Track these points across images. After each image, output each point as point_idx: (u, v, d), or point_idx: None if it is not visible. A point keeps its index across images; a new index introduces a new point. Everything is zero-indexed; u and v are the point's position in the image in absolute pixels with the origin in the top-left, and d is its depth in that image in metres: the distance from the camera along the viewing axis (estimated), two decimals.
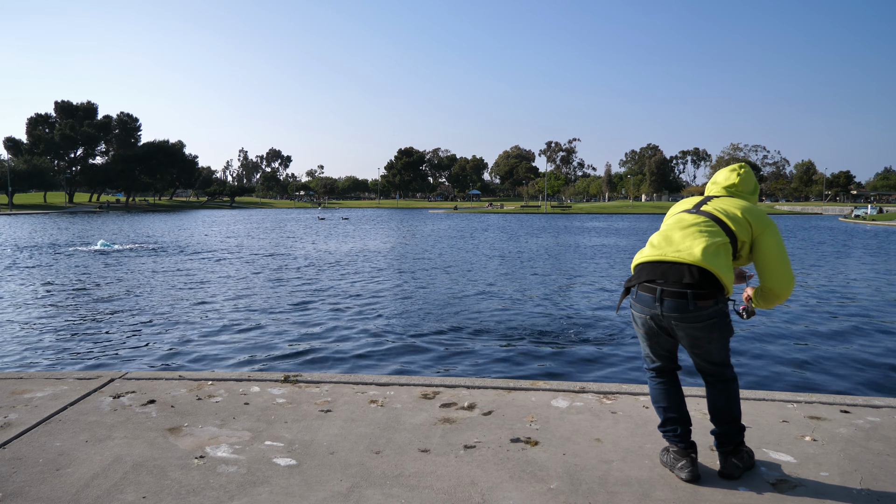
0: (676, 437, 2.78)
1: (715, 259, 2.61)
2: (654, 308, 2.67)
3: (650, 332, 2.78)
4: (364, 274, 14.51)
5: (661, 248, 2.74)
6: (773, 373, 6.02)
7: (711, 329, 2.63)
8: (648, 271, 2.72)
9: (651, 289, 2.68)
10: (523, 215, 72.16)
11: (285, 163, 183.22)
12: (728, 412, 2.76)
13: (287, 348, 7.05)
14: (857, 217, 60.40)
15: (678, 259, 2.65)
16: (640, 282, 2.74)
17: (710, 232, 2.68)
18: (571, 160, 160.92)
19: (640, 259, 2.82)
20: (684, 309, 2.60)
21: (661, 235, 2.81)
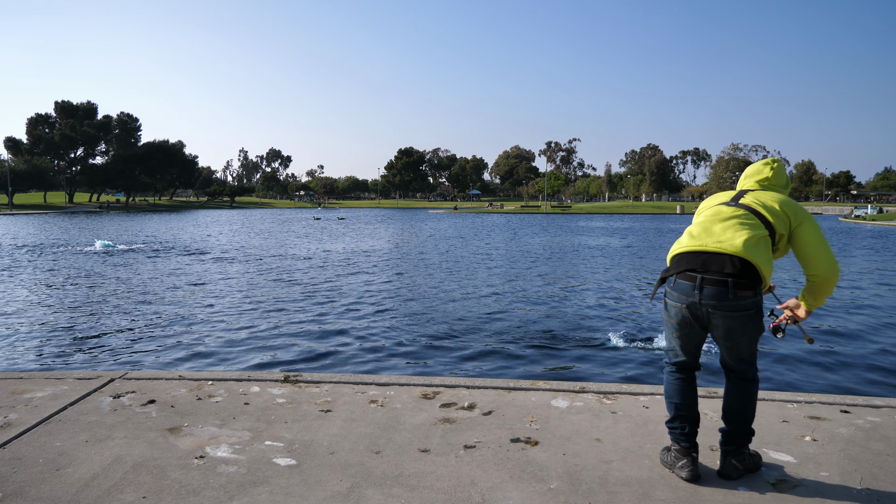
0: (682, 436, 2.79)
1: (756, 250, 2.65)
2: (693, 296, 2.69)
3: (682, 323, 2.79)
4: (364, 274, 14.51)
5: (702, 239, 2.77)
6: (773, 373, 6.02)
7: (746, 321, 2.66)
8: (688, 261, 2.75)
9: (691, 277, 2.71)
10: (523, 215, 72.16)
11: (285, 163, 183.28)
12: (740, 412, 2.76)
13: (287, 348, 7.04)
14: (857, 217, 60.40)
15: (719, 249, 2.68)
16: (680, 270, 2.77)
17: (751, 224, 2.72)
18: (571, 160, 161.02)
19: (678, 249, 2.85)
20: (724, 297, 2.63)
21: (700, 227, 2.84)
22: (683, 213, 79.81)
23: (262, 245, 24.20)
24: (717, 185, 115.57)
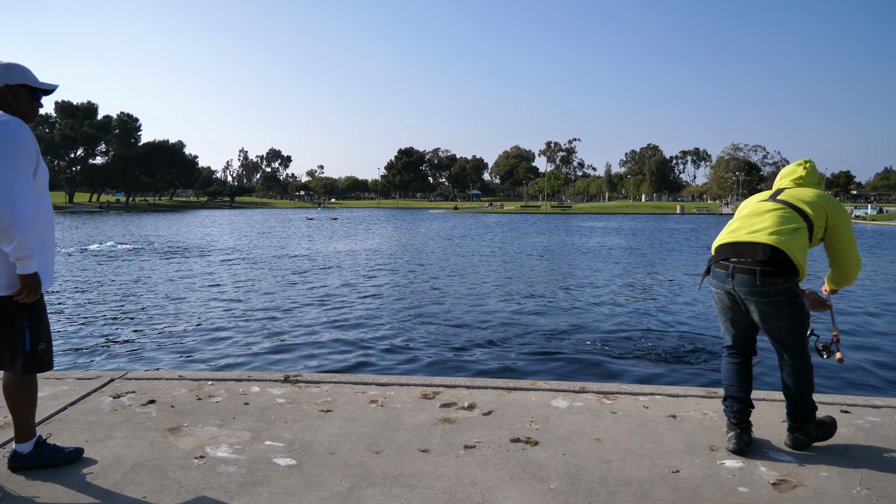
0: (731, 413, 3.05)
1: (789, 240, 2.86)
2: (727, 283, 2.98)
3: (724, 308, 3.10)
4: (364, 274, 14.51)
5: (738, 231, 3.04)
6: (773, 373, 6.02)
7: (779, 306, 2.86)
8: (725, 251, 3.03)
9: (725, 265, 2.99)
10: (523, 215, 72.16)
11: (285, 163, 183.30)
12: (793, 392, 2.97)
13: (287, 348, 7.04)
14: (857, 217, 60.39)
15: (752, 239, 2.93)
16: (717, 260, 3.05)
17: (787, 217, 2.94)
18: (571, 160, 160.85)
19: (718, 241, 3.12)
20: (752, 284, 2.87)
21: (739, 221, 3.09)
22: (683, 213, 79.81)
23: (262, 245, 24.20)
24: (717, 185, 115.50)
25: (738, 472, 2.77)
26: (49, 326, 2.78)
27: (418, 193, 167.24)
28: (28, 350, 2.64)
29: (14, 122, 2.51)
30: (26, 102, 2.69)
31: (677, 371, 6.02)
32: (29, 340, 2.63)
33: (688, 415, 3.49)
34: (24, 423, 2.73)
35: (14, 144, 2.46)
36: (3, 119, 2.50)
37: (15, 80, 2.64)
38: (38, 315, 2.67)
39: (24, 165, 2.49)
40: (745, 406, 3.04)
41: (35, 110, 2.73)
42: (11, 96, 2.64)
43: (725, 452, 2.98)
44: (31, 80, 2.69)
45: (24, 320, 2.62)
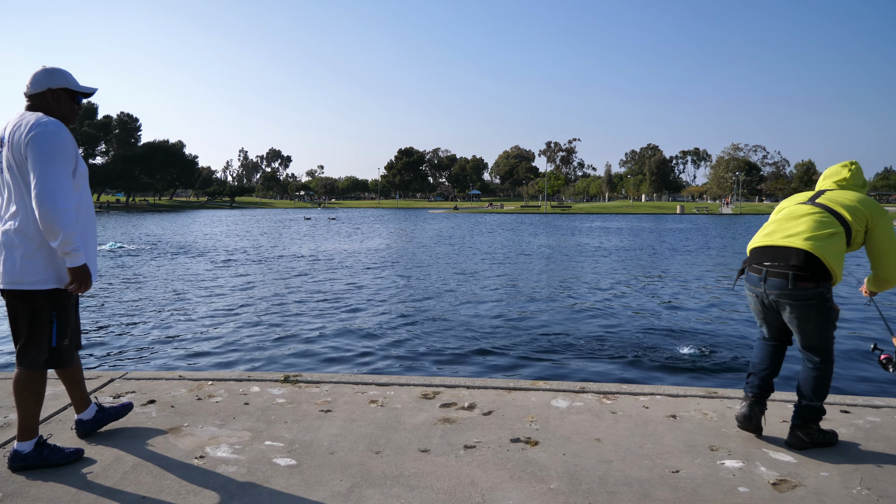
0: (748, 386, 3.17)
1: (823, 246, 2.87)
2: (759, 286, 3.04)
3: (757, 309, 3.19)
4: (364, 274, 14.51)
5: (773, 235, 3.07)
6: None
7: (809, 310, 2.92)
8: (759, 254, 3.08)
9: (758, 269, 3.05)
10: (523, 215, 72.16)
11: (285, 163, 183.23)
12: (807, 391, 3.02)
13: (287, 348, 7.05)
14: None
15: (787, 244, 2.97)
16: (751, 263, 3.10)
17: (824, 222, 2.95)
18: (571, 160, 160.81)
19: (753, 244, 3.17)
20: (783, 287, 2.92)
21: (775, 224, 3.12)
22: (683, 213, 79.82)
23: (262, 245, 24.21)
24: (717, 185, 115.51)
25: (738, 472, 2.77)
26: (74, 324, 2.86)
27: (418, 193, 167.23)
28: (54, 346, 2.72)
29: (53, 123, 2.63)
30: (67, 105, 2.81)
31: (677, 371, 6.02)
32: (56, 336, 2.72)
33: (688, 415, 3.49)
34: (28, 420, 2.75)
35: (53, 145, 2.57)
36: (43, 121, 2.62)
37: (57, 84, 2.76)
38: (65, 312, 2.75)
39: (63, 165, 2.60)
40: (764, 384, 3.14)
41: (75, 113, 2.86)
42: (53, 99, 2.77)
43: (725, 452, 2.99)
44: (71, 83, 2.80)
45: (53, 316, 2.70)
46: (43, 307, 2.68)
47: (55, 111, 2.76)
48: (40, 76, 2.75)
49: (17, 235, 2.62)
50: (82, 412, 3.10)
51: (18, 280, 2.64)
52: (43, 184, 2.53)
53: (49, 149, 2.56)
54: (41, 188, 2.53)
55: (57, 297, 2.72)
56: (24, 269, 2.63)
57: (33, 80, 2.75)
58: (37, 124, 2.60)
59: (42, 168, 2.54)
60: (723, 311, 9.59)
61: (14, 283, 2.65)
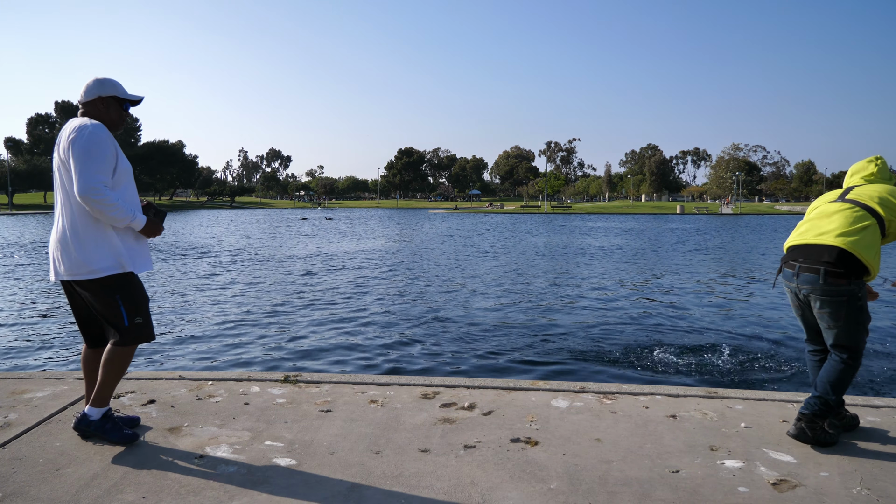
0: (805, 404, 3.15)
1: (856, 241, 2.95)
2: (793, 282, 3.14)
3: (794, 305, 3.28)
4: (364, 274, 14.51)
5: (806, 234, 3.15)
6: (773, 373, 6.02)
7: (839, 306, 2.97)
8: (793, 252, 3.17)
9: (792, 265, 3.15)
10: (523, 215, 72.16)
11: (285, 163, 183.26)
12: (824, 385, 3.06)
13: (287, 348, 7.05)
14: None
15: (819, 241, 3.04)
16: (787, 260, 3.20)
17: (856, 217, 3.00)
18: (571, 160, 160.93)
19: (788, 243, 3.25)
20: (815, 282, 3.00)
21: (808, 223, 3.20)
22: (683, 213, 79.82)
23: (260, 245, 24.21)
24: (717, 184, 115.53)
25: (738, 472, 2.77)
26: (146, 302, 3.05)
27: (418, 193, 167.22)
28: (126, 325, 2.95)
29: (94, 125, 2.86)
30: (116, 112, 3.06)
31: (678, 371, 6.02)
32: (126, 316, 2.95)
33: (688, 415, 3.49)
34: (105, 388, 3.01)
35: (91, 145, 2.79)
36: (85, 124, 2.86)
37: (107, 93, 3.01)
38: (129, 293, 2.97)
39: (99, 163, 2.80)
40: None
41: (123, 119, 3.11)
42: (103, 107, 3.01)
43: (725, 452, 2.98)
44: (120, 92, 3.05)
45: (118, 299, 2.93)
46: (107, 292, 2.91)
47: (104, 117, 3.01)
48: (92, 86, 2.99)
49: (72, 230, 2.88)
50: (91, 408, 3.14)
51: (76, 272, 2.89)
52: (80, 181, 2.75)
53: (87, 148, 2.78)
54: (79, 185, 2.76)
55: (117, 282, 2.93)
56: (79, 261, 2.87)
57: (86, 89, 2.99)
58: (78, 128, 2.83)
59: (79, 166, 2.76)
60: (723, 311, 9.59)
61: (74, 274, 2.89)
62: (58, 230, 2.93)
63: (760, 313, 9.40)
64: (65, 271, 2.91)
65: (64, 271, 2.91)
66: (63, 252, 2.90)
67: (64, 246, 2.90)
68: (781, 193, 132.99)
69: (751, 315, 9.24)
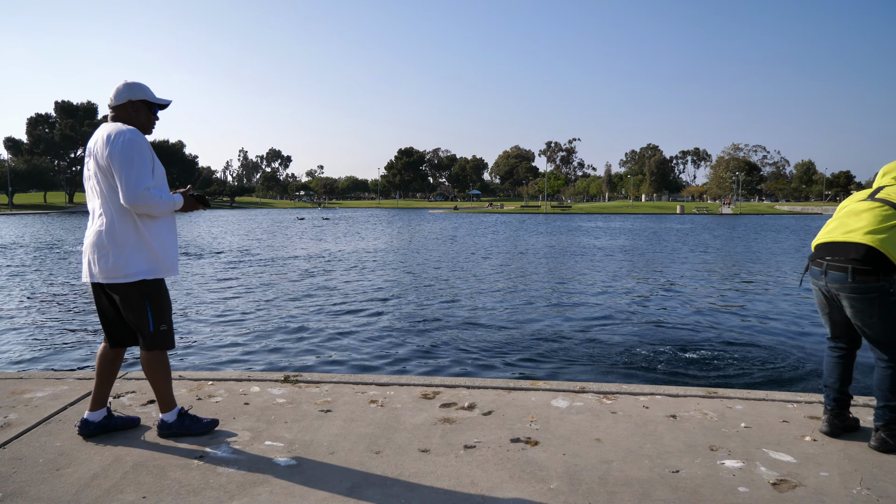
0: (827, 399, 3.24)
1: (885, 239, 2.93)
2: (821, 280, 3.14)
3: (821, 303, 3.28)
4: (364, 274, 14.51)
5: (834, 232, 3.16)
6: (773, 373, 6.02)
7: (871, 303, 2.97)
8: (821, 250, 3.18)
9: (819, 263, 3.16)
10: (523, 215, 72.15)
11: (285, 163, 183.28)
12: (884, 394, 3.05)
13: (287, 348, 7.05)
14: None
15: (847, 239, 3.05)
16: (814, 258, 3.22)
17: (885, 215, 3.00)
18: (571, 160, 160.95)
19: (816, 241, 3.26)
20: (843, 280, 3.01)
21: (836, 221, 3.21)
22: (683, 213, 79.81)
23: (261, 245, 24.21)
24: (717, 184, 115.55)
25: (738, 472, 2.77)
26: (171, 310, 3.15)
27: (418, 193, 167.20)
28: (151, 331, 3.04)
29: (130, 131, 2.94)
30: (146, 116, 3.13)
31: (678, 371, 6.02)
32: (152, 322, 3.03)
33: (688, 415, 3.49)
34: (163, 394, 3.11)
35: (132, 151, 2.88)
36: (122, 129, 2.93)
37: (136, 97, 3.08)
38: (157, 300, 3.05)
39: (140, 167, 2.90)
40: (840, 396, 3.20)
41: (152, 123, 3.18)
42: (133, 110, 3.08)
43: (725, 452, 2.98)
44: (149, 96, 3.12)
45: (147, 305, 3.01)
46: (135, 298, 2.99)
47: (134, 121, 3.08)
48: (122, 90, 3.06)
49: (107, 236, 2.95)
50: (93, 412, 3.15)
51: (112, 275, 2.96)
52: (127, 190, 2.85)
53: (129, 154, 2.87)
54: (125, 190, 2.85)
55: (147, 289, 3.01)
56: (115, 265, 2.94)
57: (116, 93, 3.06)
58: (116, 134, 2.91)
59: (123, 174, 2.86)
60: (724, 311, 9.58)
61: (109, 277, 2.97)
62: (94, 233, 2.99)
63: (761, 313, 9.40)
64: (100, 274, 2.98)
65: (99, 274, 2.98)
66: (99, 255, 2.96)
67: (101, 249, 2.96)
68: (781, 193, 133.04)
69: (751, 315, 9.24)
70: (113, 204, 2.94)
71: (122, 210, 2.93)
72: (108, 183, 2.93)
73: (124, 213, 2.94)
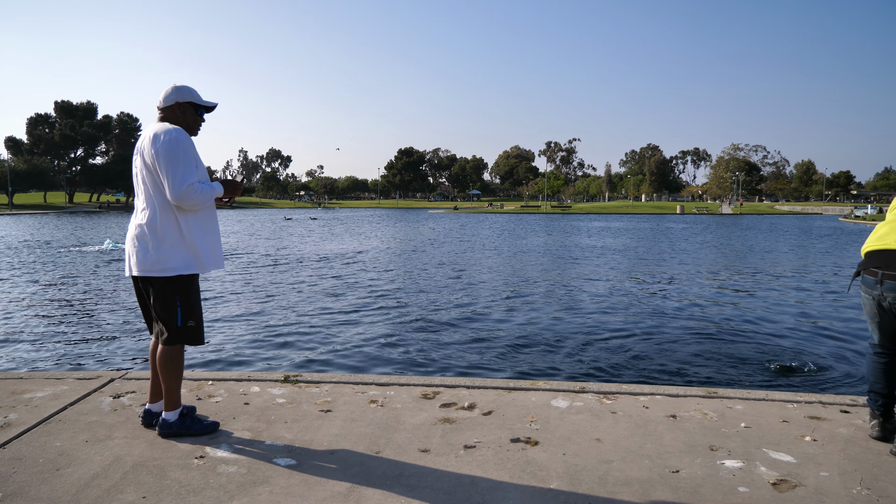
0: (874, 405, 3.19)
1: None
2: (876, 289, 3.07)
3: (872, 312, 3.18)
4: (364, 274, 14.51)
5: (886, 238, 3.11)
6: (773, 373, 6.02)
7: None
8: (875, 258, 3.11)
9: (874, 272, 3.08)
10: (523, 215, 72.16)
11: (285, 163, 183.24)
12: None
13: (287, 348, 7.05)
14: (857, 217, 60.39)
15: None
16: (867, 267, 3.14)
17: None
18: (571, 160, 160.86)
19: (868, 247, 3.20)
20: None
21: (889, 226, 3.16)
22: (683, 213, 79.81)
23: (261, 245, 24.20)
24: (717, 184, 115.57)
25: (738, 472, 2.77)
26: (200, 308, 3.19)
27: (418, 193, 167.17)
28: (179, 325, 3.09)
29: (175, 130, 3.03)
30: (192, 117, 3.23)
31: (678, 371, 6.02)
32: (180, 317, 3.09)
33: (688, 415, 3.49)
34: (171, 392, 3.14)
35: (177, 149, 2.98)
36: (167, 129, 3.02)
37: (184, 98, 3.18)
38: (188, 296, 3.11)
39: (185, 165, 2.99)
40: (887, 400, 3.16)
41: (198, 124, 3.28)
42: (180, 112, 3.18)
43: (725, 452, 2.98)
44: (196, 98, 3.22)
45: (177, 300, 3.07)
46: (168, 292, 3.05)
47: (181, 121, 3.17)
48: (171, 92, 3.16)
49: (148, 230, 3.03)
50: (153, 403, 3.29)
51: (149, 268, 3.03)
52: (172, 187, 2.95)
53: (175, 152, 2.97)
54: (171, 186, 2.95)
55: (179, 284, 3.07)
56: (152, 259, 3.02)
57: (165, 95, 3.16)
58: (162, 133, 3.00)
59: (169, 172, 2.95)
60: (724, 311, 9.58)
61: (145, 270, 3.04)
62: (135, 227, 3.08)
63: (761, 313, 9.40)
64: (137, 267, 3.05)
65: (136, 266, 3.05)
66: (140, 249, 3.05)
67: (141, 242, 3.04)
68: (781, 193, 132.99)
69: (751, 315, 9.24)
70: (156, 199, 3.03)
71: (164, 205, 3.02)
72: (152, 179, 3.02)
73: (166, 208, 3.02)
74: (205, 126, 3.35)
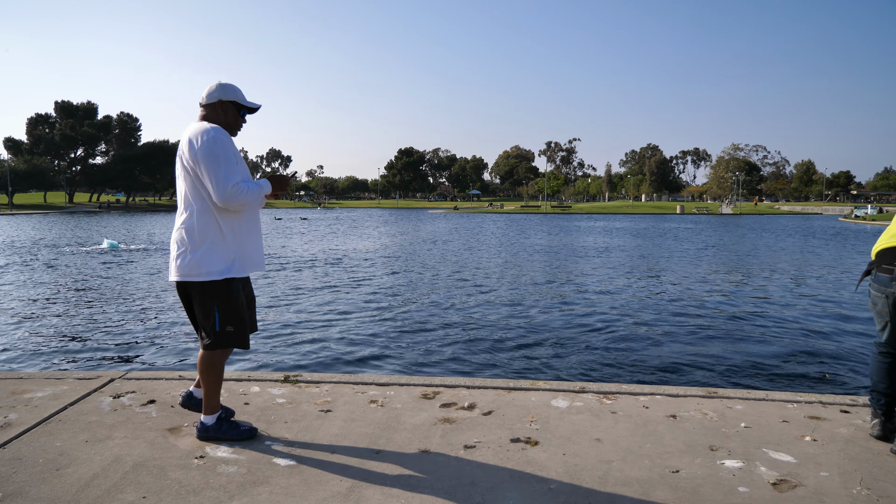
0: (877, 404, 3.19)
1: None
2: (891, 287, 3.05)
3: (884, 311, 3.15)
4: (364, 274, 14.51)
5: None
6: (773, 373, 6.02)
7: None
8: (889, 256, 3.10)
9: (888, 270, 3.06)
10: (523, 215, 72.14)
11: (285, 163, 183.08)
12: None
13: (287, 348, 7.04)
14: (857, 217, 60.39)
15: None
16: (880, 264, 3.11)
17: None
18: (571, 160, 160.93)
19: (880, 245, 3.18)
20: None
21: None
22: (683, 213, 79.79)
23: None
24: (717, 184, 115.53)
25: (738, 472, 2.77)
26: (241, 313, 3.11)
27: (418, 193, 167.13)
28: (217, 330, 3.05)
29: (214, 129, 2.98)
30: (233, 117, 3.16)
31: (678, 371, 6.02)
32: (218, 322, 3.04)
33: (688, 415, 3.49)
34: (209, 397, 3.13)
35: (217, 149, 2.94)
36: (206, 129, 2.98)
37: (227, 97, 3.11)
38: (226, 302, 3.05)
39: (227, 163, 2.95)
40: (890, 400, 3.16)
41: (239, 124, 3.20)
42: (222, 110, 3.12)
43: (725, 452, 2.98)
44: (240, 98, 3.16)
45: (214, 305, 3.03)
46: (207, 297, 3.02)
47: (221, 120, 3.11)
48: (214, 90, 3.11)
49: (187, 234, 3.00)
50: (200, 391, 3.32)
51: (188, 273, 3.00)
52: (217, 188, 2.91)
53: (215, 151, 2.93)
54: (215, 189, 2.91)
55: (217, 288, 3.02)
56: (191, 263, 2.98)
57: (209, 92, 3.11)
58: (201, 134, 2.96)
59: (211, 172, 2.91)
60: (723, 311, 9.59)
61: (185, 275, 3.01)
62: (176, 230, 3.06)
63: (761, 313, 9.40)
64: (177, 272, 3.02)
65: (176, 272, 3.03)
66: (179, 252, 3.02)
67: (180, 246, 3.02)
68: (781, 193, 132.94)
69: (751, 315, 9.24)
70: (195, 201, 2.99)
71: (203, 208, 2.98)
72: (191, 182, 2.98)
73: (206, 210, 2.98)
74: None
